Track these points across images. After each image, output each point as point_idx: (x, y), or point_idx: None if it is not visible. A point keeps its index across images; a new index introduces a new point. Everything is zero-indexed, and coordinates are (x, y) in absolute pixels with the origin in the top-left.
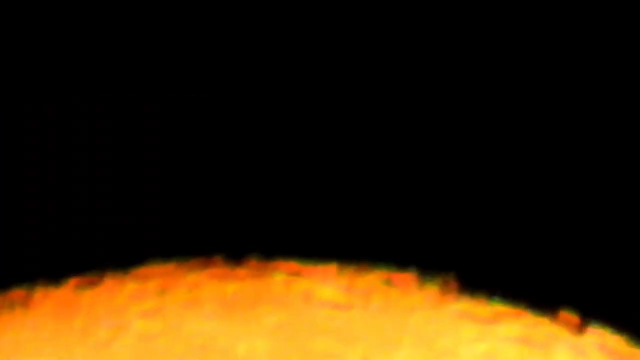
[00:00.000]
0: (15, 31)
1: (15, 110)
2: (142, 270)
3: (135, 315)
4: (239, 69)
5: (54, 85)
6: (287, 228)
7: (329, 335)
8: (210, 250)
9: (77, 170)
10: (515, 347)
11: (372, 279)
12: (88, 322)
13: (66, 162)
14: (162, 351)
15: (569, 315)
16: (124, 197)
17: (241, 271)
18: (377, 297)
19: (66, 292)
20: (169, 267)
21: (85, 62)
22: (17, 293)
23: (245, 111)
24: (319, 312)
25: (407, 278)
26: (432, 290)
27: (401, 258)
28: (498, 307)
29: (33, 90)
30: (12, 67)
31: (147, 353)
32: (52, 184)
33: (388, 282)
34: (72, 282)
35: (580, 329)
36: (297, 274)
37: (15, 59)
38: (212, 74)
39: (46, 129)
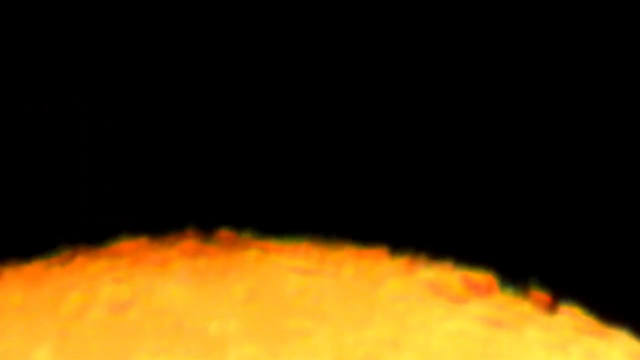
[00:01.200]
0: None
1: None
2: (114, 246)
3: (105, 288)
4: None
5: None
6: (258, 204)
7: (300, 309)
8: (181, 225)
9: (48, 149)
10: (486, 326)
11: (343, 253)
12: (58, 295)
13: (37, 141)
14: (133, 324)
15: (540, 294)
16: (95, 174)
17: (212, 246)
18: (348, 270)
19: (37, 268)
20: (140, 243)
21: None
22: None
23: (215, 86)
24: (289, 284)
25: (378, 252)
26: (402, 261)
27: (371, 234)
28: (469, 277)
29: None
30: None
31: (118, 326)
32: (22, 163)
33: (359, 255)
34: (43, 259)
35: (552, 307)
36: (268, 248)
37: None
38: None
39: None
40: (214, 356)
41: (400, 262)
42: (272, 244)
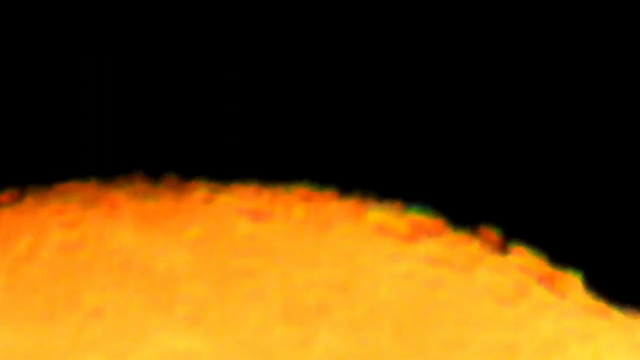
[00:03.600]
0: None
1: None
2: (63, 188)
3: (55, 230)
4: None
5: None
6: (207, 148)
7: (249, 251)
8: (130, 170)
9: None
10: (435, 268)
11: (293, 195)
12: (7, 237)
13: None
14: (83, 265)
15: (490, 233)
16: (44, 116)
17: (161, 189)
18: (297, 212)
19: None
20: (89, 185)
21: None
22: None
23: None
24: (239, 225)
25: (327, 194)
26: (351, 203)
27: (321, 176)
28: (418, 220)
29: None
30: None
31: (68, 267)
32: None
33: (308, 197)
34: None
35: (502, 248)
36: (217, 190)
37: None
38: None
39: None
40: (162, 295)
41: (349, 204)
42: (222, 187)
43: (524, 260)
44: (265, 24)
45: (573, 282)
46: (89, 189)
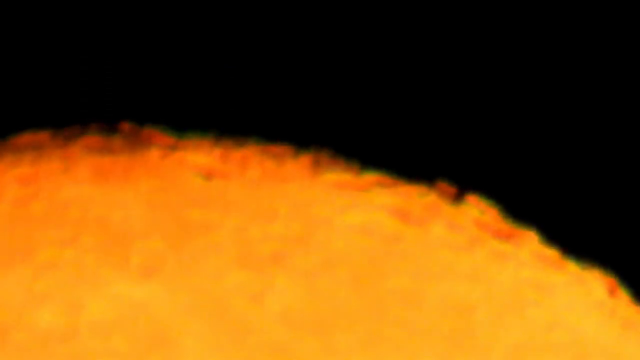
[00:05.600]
0: None
1: None
2: (17, 142)
3: (9, 184)
4: None
5: None
6: (162, 99)
7: (205, 204)
8: (85, 119)
9: None
10: (391, 220)
11: (248, 150)
12: None
13: None
14: (37, 219)
15: (446, 186)
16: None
17: (116, 142)
18: (253, 166)
19: None
20: (43, 137)
21: None
22: None
23: None
24: (194, 180)
25: (283, 150)
26: (307, 160)
27: (276, 131)
28: (373, 177)
29: None
30: None
31: (22, 220)
32: None
33: (264, 153)
34: None
35: (458, 200)
36: (173, 145)
37: None
38: None
39: None
40: (117, 248)
41: (304, 162)
42: (177, 141)
43: (479, 212)
44: None
45: (528, 235)
46: (43, 143)
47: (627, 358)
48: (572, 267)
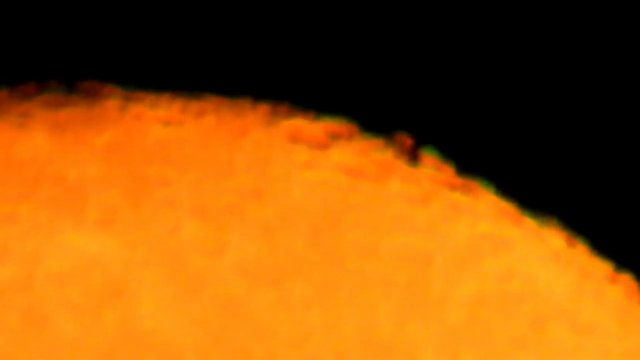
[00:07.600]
0: None
1: None
2: None
3: None
4: None
5: None
6: (121, 55)
7: (162, 160)
8: (42, 77)
9: None
10: (348, 176)
11: (205, 104)
12: None
13: None
14: None
15: (404, 140)
16: None
17: (74, 97)
18: (210, 120)
19: None
20: (0, 94)
21: None
22: None
23: None
24: (151, 134)
25: (240, 103)
26: (264, 110)
27: (233, 85)
28: (330, 127)
29: None
30: None
31: None
32: None
33: (221, 106)
34: None
35: (414, 155)
36: (130, 98)
37: None
38: None
39: None
40: (74, 202)
41: (262, 113)
42: (134, 95)
43: (436, 166)
44: None
45: (484, 189)
46: (0, 100)
47: (582, 305)
48: (527, 221)
